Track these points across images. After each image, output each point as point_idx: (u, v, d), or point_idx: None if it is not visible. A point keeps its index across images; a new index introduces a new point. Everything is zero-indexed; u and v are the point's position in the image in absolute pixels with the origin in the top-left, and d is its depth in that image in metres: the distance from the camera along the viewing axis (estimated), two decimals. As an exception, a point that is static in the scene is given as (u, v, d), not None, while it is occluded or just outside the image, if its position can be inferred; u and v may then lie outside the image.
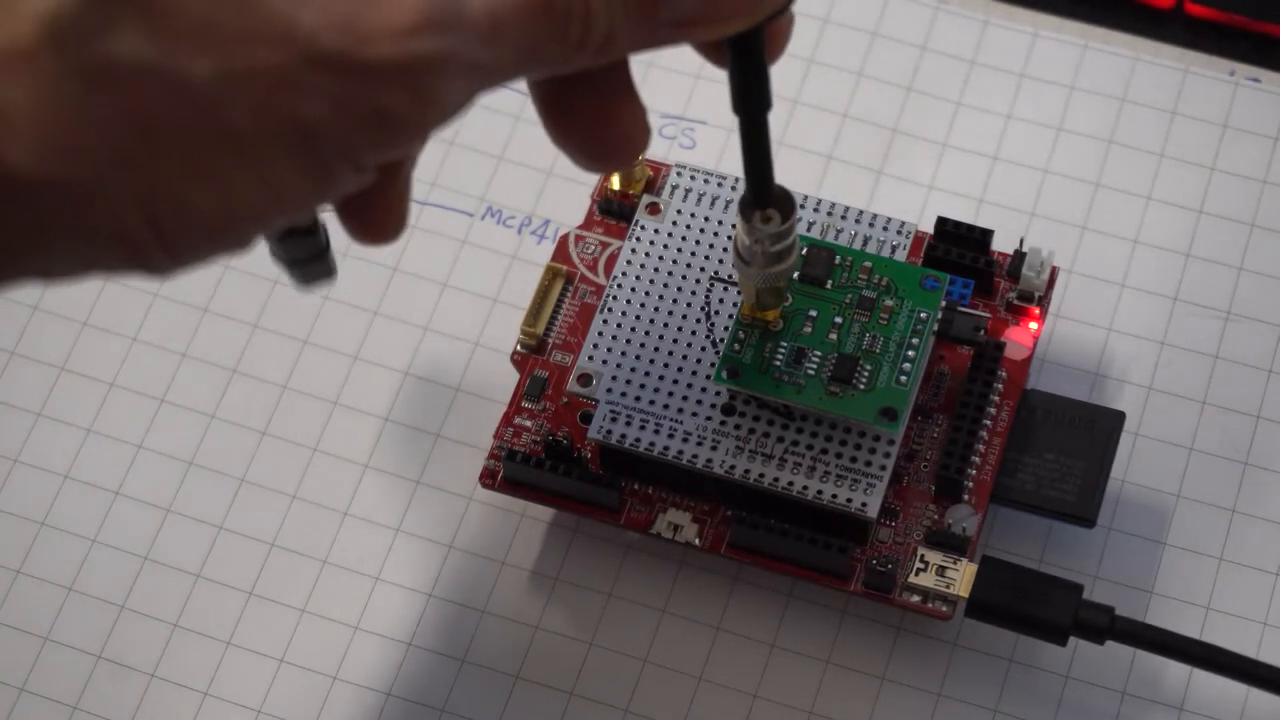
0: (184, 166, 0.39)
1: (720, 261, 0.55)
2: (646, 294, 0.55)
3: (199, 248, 0.41)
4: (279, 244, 0.47)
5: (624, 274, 0.55)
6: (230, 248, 0.41)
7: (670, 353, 0.54)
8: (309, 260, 0.47)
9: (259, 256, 0.46)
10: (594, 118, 0.47)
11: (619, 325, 0.55)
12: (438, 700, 0.54)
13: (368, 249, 0.60)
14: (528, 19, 0.42)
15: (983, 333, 0.55)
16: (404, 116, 0.41)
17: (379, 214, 0.47)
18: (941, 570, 0.52)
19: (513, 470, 0.54)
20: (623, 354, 0.54)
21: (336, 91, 0.40)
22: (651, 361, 0.54)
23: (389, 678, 0.55)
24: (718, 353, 0.54)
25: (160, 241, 0.40)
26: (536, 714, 0.54)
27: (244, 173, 0.40)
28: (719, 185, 0.56)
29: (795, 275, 0.54)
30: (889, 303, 0.53)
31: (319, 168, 0.40)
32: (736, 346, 0.53)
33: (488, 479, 0.55)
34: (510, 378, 0.56)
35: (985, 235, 0.56)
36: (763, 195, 0.49)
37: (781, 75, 0.61)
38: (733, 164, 0.61)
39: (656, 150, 0.60)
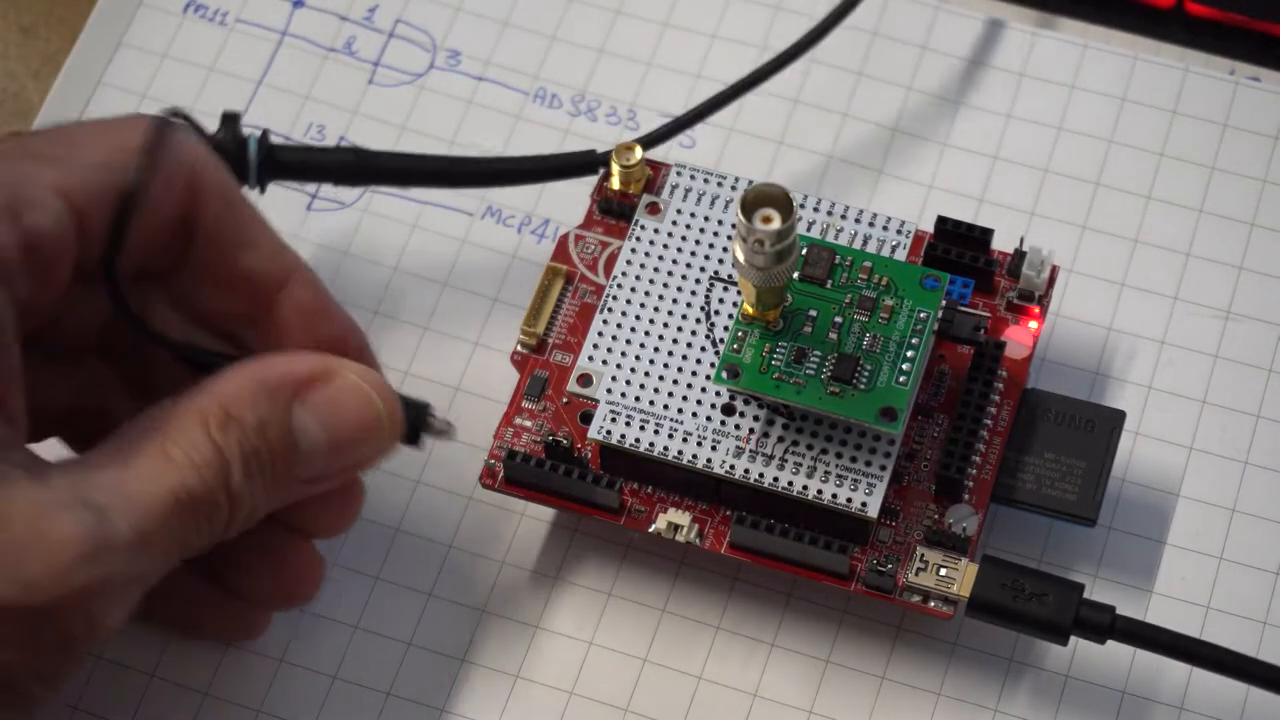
0: None
1: (720, 261, 0.55)
2: (646, 294, 0.55)
3: None
4: None
5: (624, 274, 0.55)
6: None
7: (670, 353, 0.54)
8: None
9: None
10: (265, 566, 0.52)
11: (619, 325, 0.55)
12: (438, 700, 0.54)
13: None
14: (174, 524, 0.45)
15: (983, 332, 0.55)
16: (80, 637, 0.44)
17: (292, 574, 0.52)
18: (942, 570, 0.52)
19: (513, 470, 0.54)
20: (623, 354, 0.54)
21: (17, 633, 0.43)
22: (651, 361, 0.54)
23: (389, 677, 0.55)
24: (718, 353, 0.54)
25: None
26: (536, 714, 0.54)
27: None
28: (719, 185, 0.56)
29: (795, 275, 0.53)
30: (889, 302, 0.53)
31: (18, 695, 0.44)
32: (736, 346, 0.53)
33: (488, 479, 0.55)
34: (510, 378, 0.56)
35: (985, 234, 0.56)
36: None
37: (782, 75, 0.61)
38: (733, 164, 0.61)
39: (656, 150, 0.60)
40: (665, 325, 0.54)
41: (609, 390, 0.54)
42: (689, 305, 0.55)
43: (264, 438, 0.47)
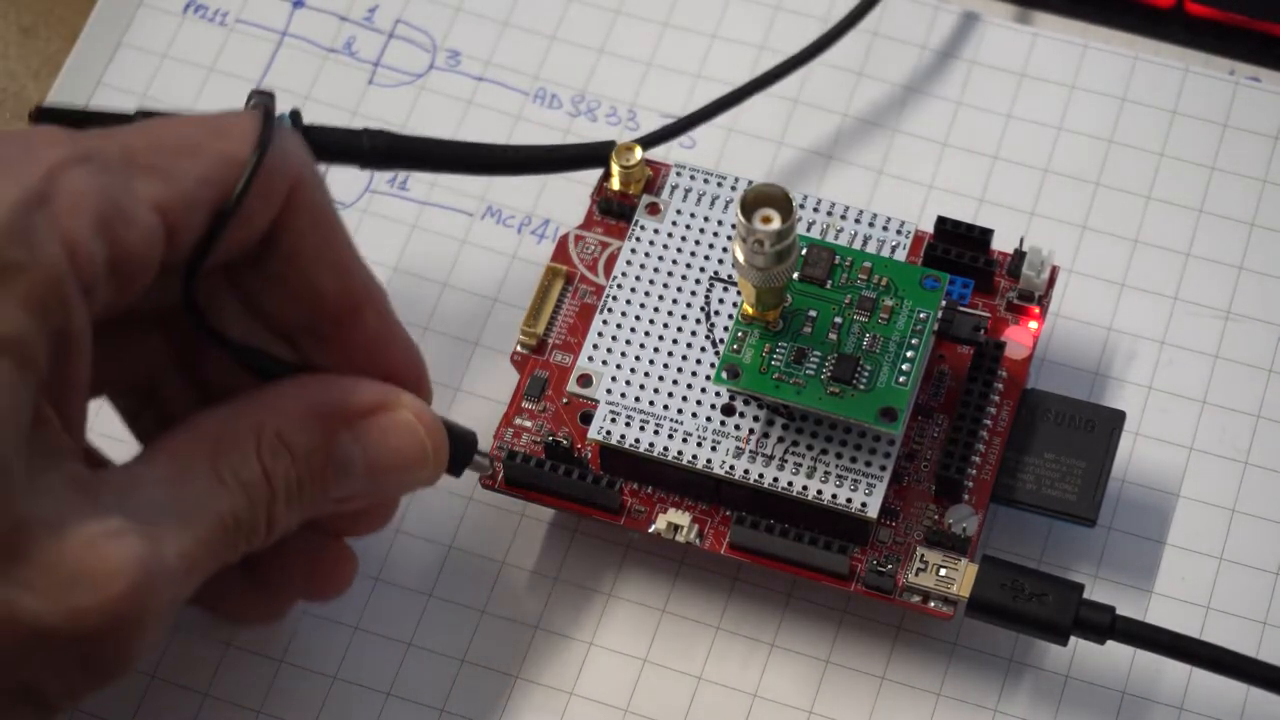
0: None
1: (720, 261, 0.55)
2: (646, 294, 0.55)
3: None
4: None
5: (624, 274, 0.55)
6: None
7: (670, 353, 0.54)
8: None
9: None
10: (296, 562, 0.53)
11: (619, 325, 0.55)
12: (437, 700, 0.54)
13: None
14: (217, 547, 0.46)
15: (983, 332, 0.55)
16: (118, 660, 0.44)
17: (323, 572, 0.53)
18: (942, 570, 0.52)
19: (513, 470, 0.54)
20: (623, 354, 0.54)
21: (58, 656, 0.43)
22: (651, 362, 0.54)
23: (389, 677, 0.55)
24: (718, 353, 0.54)
25: None
26: (536, 714, 0.54)
27: None
28: (719, 185, 0.56)
29: (795, 275, 0.53)
30: (889, 302, 0.53)
31: (42, 710, 0.44)
32: (736, 347, 0.53)
33: (488, 479, 0.55)
34: (510, 378, 0.56)
35: (985, 235, 0.56)
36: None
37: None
38: (733, 164, 0.61)
39: (656, 150, 0.60)
40: (665, 325, 0.54)
41: (609, 390, 0.54)
42: (689, 305, 0.55)
43: (309, 466, 0.48)
